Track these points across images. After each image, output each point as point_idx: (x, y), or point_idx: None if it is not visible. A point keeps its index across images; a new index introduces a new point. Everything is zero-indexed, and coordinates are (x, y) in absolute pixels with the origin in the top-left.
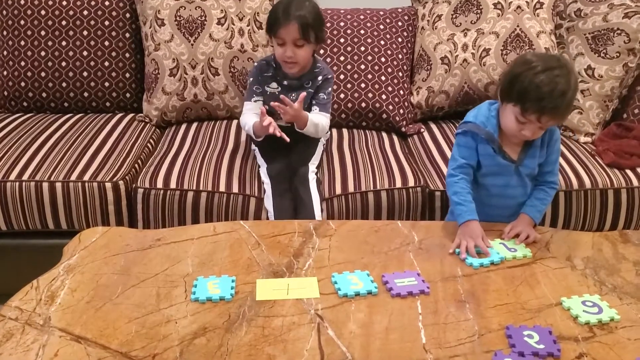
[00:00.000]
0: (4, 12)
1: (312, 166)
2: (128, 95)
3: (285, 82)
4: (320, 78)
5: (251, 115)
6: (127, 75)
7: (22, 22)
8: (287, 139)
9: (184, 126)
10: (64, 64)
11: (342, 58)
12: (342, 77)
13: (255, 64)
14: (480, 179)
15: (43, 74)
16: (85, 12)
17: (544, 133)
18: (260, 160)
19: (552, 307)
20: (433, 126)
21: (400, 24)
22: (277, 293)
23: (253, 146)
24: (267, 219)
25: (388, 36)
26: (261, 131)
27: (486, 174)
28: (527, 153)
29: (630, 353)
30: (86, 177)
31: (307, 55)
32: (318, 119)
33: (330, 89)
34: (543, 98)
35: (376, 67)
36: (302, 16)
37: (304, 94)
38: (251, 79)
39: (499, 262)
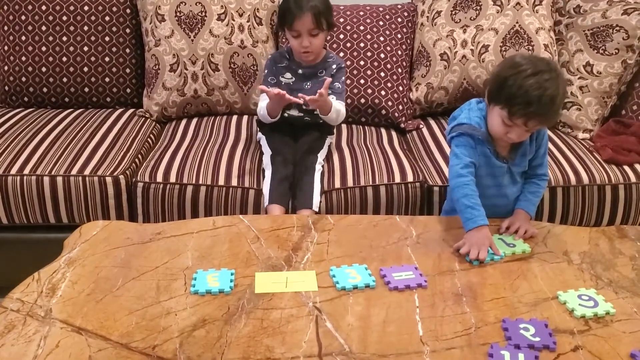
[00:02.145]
0: (5, 7)
1: (320, 157)
2: (128, 90)
3: (299, 71)
4: (334, 67)
5: (266, 102)
6: (128, 70)
7: (23, 17)
8: (300, 101)
9: (184, 121)
10: (64, 59)
11: (341, 54)
12: None
13: (269, 56)
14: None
15: (44, 69)
16: (86, 8)
17: None
18: (265, 148)
19: (549, 300)
20: (432, 122)
21: (399, 20)
22: (276, 286)
23: (259, 135)
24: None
25: (387, 32)
26: (274, 106)
27: (480, 175)
28: (518, 151)
29: (625, 346)
30: (87, 172)
31: (322, 43)
32: (339, 106)
33: (344, 77)
34: (531, 103)
35: (375, 63)
36: (314, 6)
37: (329, 79)
38: (266, 71)
39: (499, 259)
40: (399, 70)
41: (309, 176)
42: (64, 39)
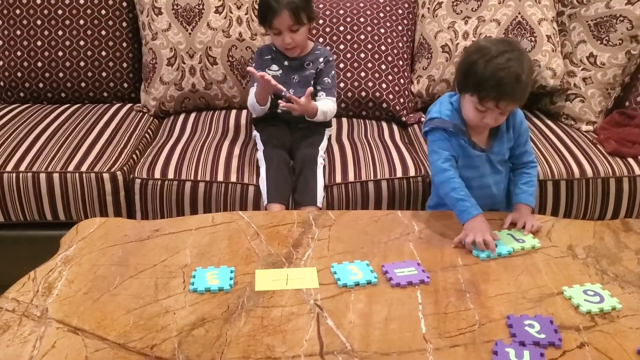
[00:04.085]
0: None
1: (321, 151)
2: (126, 85)
3: (286, 63)
4: (321, 60)
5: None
6: (125, 65)
7: (18, 11)
8: (285, 92)
9: (182, 116)
10: (60, 53)
11: (341, 47)
12: (341, 65)
13: (256, 49)
14: None
15: (40, 64)
16: (82, 1)
17: (507, 116)
18: (259, 144)
19: (554, 296)
20: None
21: (400, 11)
22: (276, 283)
23: (255, 132)
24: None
25: (388, 24)
26: (261, 93)
27: (460, 167)
28: (495, 139)
29: (631, 342)
30: (84, 168)
31: (304, 36)
32: (326, 106)
33: (333, 71)
34: (498, 85)
35: (376, 56)
36: (290, 2)
37: (310, 89)
38: (253, 64)
39: (507, 255)
40: (400, 62)
41: (312, 171)
42: (60, 33)
